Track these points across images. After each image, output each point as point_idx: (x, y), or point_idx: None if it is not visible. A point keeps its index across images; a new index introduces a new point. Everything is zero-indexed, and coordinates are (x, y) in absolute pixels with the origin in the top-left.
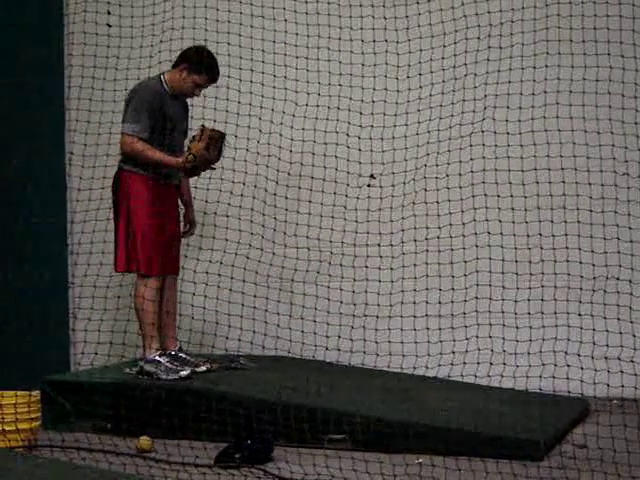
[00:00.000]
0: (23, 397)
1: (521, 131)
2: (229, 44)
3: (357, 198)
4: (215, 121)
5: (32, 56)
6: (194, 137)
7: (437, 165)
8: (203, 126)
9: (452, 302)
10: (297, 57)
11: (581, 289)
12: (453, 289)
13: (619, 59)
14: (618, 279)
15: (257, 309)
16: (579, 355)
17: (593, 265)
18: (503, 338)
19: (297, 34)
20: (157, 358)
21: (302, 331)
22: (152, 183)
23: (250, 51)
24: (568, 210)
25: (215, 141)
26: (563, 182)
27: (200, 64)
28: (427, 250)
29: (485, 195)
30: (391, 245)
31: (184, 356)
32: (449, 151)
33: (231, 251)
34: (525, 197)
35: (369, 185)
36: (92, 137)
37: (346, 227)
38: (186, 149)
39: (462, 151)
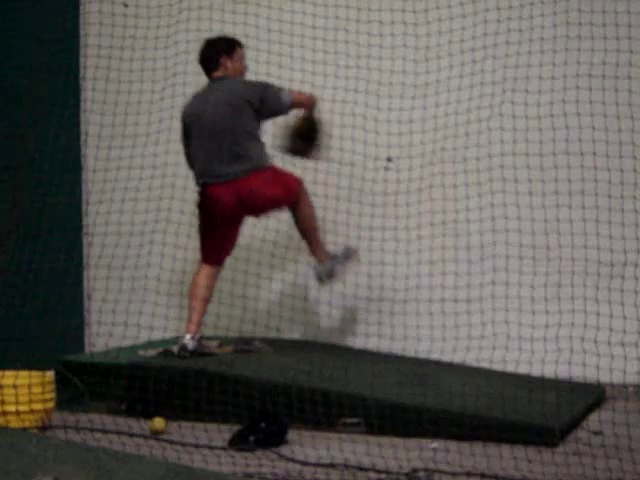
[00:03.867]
0: (37, 378)
1: (540, 115)
2: (245, 24)
3: (374, 181)
4: None
5: (48, 36)
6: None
7: (455, 149)
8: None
9: (468, 286)
10: (314, 38)
11: (598, 275)
12: (470, 274)
13: None
14: (636, 265)
15: (273, 292)
16: (596, 341)
17: (611, 251)
18: (519, 323)
19: (315, 15)
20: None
21: (317, 314)
22: None
23: (267, 32)
24: (586, 195)
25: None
26: (582, 167)
27: (228, 44)
28: (444, 234)
29: (503, 179)
30: (407, 229)
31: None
32: (467, 135)
33: (247, 234)
34: (543, 182)
35: (386, 168)
36: (108, 118)
37: (362, 210)
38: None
39: (480, 135)
